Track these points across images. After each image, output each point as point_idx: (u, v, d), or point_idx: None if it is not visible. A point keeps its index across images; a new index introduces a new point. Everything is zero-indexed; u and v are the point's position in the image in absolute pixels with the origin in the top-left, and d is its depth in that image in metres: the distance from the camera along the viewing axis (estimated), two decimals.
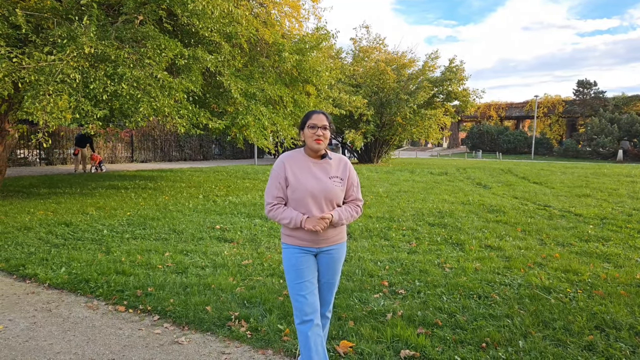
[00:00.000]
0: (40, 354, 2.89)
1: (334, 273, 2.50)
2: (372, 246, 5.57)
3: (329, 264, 2.47)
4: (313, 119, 2.38)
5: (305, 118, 2.43)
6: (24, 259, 4.82)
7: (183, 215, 7.49)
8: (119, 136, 20.89)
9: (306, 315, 2.33)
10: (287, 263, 2.42)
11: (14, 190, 10.55)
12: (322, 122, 2.37)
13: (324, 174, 2.41)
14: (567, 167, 21.77)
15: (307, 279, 2.37)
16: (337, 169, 2.47)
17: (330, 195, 2.39)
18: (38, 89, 6.10)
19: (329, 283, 2.51)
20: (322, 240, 2.41)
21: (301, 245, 2.40)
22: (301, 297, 2.35)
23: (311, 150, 2.43)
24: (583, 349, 2.90)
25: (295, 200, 2.38)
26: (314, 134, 2.36)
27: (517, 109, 48.84)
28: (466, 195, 10.43)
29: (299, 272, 2.37)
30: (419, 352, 2.83)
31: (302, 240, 2.40)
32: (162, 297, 3.75)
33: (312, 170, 2.41)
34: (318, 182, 2.38)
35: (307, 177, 2.39)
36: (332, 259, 2.47)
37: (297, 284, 2.36)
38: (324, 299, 2.52)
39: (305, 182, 2.37)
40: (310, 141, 2.38)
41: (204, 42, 8.37)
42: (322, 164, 2.44)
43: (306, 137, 2.41)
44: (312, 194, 2.35)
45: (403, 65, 23.52)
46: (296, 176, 2.38)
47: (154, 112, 7.10)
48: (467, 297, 3.82)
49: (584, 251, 5.44)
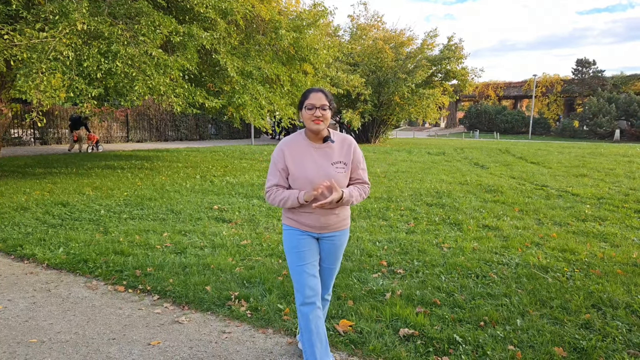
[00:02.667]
0: (41, 333, 2.90)
1: (335, 259, 2.45)
2: (370, 226, 5.58)
3: (330, 250, 2.41)
4: (311, 99, 2.22)
5: (303, 97, 2.27)
6: (21, 239, 4.80)
7: (180, 196, 7.46)
8: (114, 116, 20.67)
9: (308, 297, 2.29)
10: (288, 245, 2.37)
11: (9, 170, 10.47)
12: (320, 102, 2.21)
13: (326, 160, 2.28)
14: (564, 147, 21.78)
15: (309, 262, 2.33)
16: (341, 152, 2.32)
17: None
18: (31, 67, 5.98)
19: (330, 269, 2.47)
20: (325, 227, 2.33)
21: (303, 229, 2.35)
22: (303, 280, 2.30)
23: (311, 133, 2.29)
24: (580, 327, 2.93)
25: (298, 188, 2.29)
26: (313, 115, 2.21)
27: (515, 88, 48.55)
28: (464, 175, 10.43)
29: (300, 254, 2.32)
30: (417, 330, 2.85)
31: (304, 225, 2.33)
32: (162, 277, 3.76)
33: (313, 156, 2.28)
34: (319, 169, 2.26)
35: (307, 164, 2.27)
36: (334, 245, 2.41)
37: (298, 266, 2.32)
38: (324, 283, 2.49)
39: (306, 170, 2.25)
40: (309, 123, 2.23)
41: (199, 19, 8.19)
42: (324, 149, 2.30)
43: (305, 118, 2.25)
44: (314, 182, 2.23)
45: (401, 43, 23.22)
46: (296, 164, 2.27)
47: (149, 91, 7.00)
48: (465, 276, 3.84)
49: (581, 231, 5.47)
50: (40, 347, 2.71)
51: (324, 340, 2.29)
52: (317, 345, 2.25)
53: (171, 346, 2.74)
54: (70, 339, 2.82)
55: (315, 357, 2.24)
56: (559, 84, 44.05)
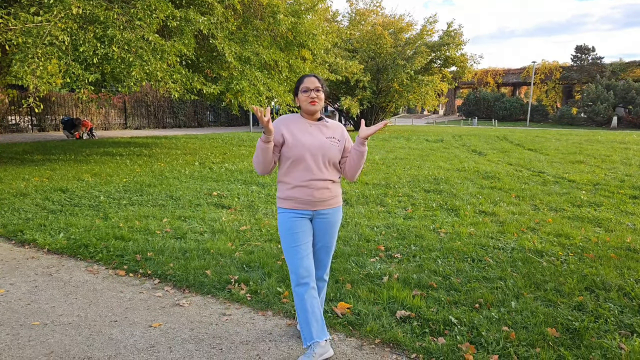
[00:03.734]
0: (43, 316, 2.94)
1: (330, 237, 2.51)
2: (368, 212, 5.63)
3: (325, 228, 2.48)
4: (305, 83, 2.40)
5: (298, 83, 2.45)
6: (21, 225, 4.83)
7: (179, 182, 7.48)
8: (112, 102, 20.56)
9: (302, 278, 2.35)
10: (282, 227, 2.44)
11: (7, 157, 10.45)
12: (314, 85, 2.39)
13: (321, 134, 2.44)
14: (562, 134, 21.80)
15: (303, 243, 2.40)
16: (334, 131, 2.49)
17: (327, 153, 2.40)
18: (26, 52, 5.94)
19: (326, 247, 2.52)
20: (318, 203, 2.42)
21: (297, 209, 2.41)
22: (297, 261, 2.37)
23: (307, 113, 2.45)
24: (573, 308, 2.99)
25: (293, 158, 2.37)
26: (309, 97, 2.38)
27: (514, 75, 48.35)
28: (461, 162, 10.47)
29: (295, 235, 2.39)
30: (414, 312, 2.91)
31: (298, 202, 2.40)
32: (162, 262, 3.80)
33: (308, 130, 2.43)
34: (315, 139, 2.40)
35: (303, 134, 2.40)
36: (328, 222, 2.48)
37: (292, 247, 2.39)
38: (320, 262, 2.55)
39: (302, 139, 2.38)
40: (305, 104, 2.40)
41: (196, 3, 8.12)
42: (319, 125, 2.47)
43: (301, 101, 2.43)
44: (310, 150, 2.36)
45: (400, 29, 23.04)
46: (293, 134, 2.39)
47: (146, 77, 6.96)
48: (462, 260, 3.90)
49: (576, 216, 5.53)
50: (43, 330, 2.76)
51: (319, 318, 2.34)
52: (313, 324, 2.30)
53: (172, 328, 2.79)
54: (72, 322, 2.87)
55: (312, 335, 2.30)
56: (557, 71, 43.88)
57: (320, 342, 2.31)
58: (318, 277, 2.56)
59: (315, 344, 2.30)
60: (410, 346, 2.54)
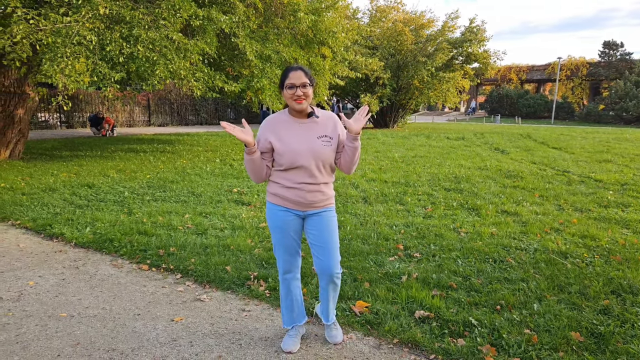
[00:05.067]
0: (70, 308, 3.04)
1: (328, 234, 2.38)
2: (387, 210, 5.60)
3: (321, 226, 2.37)
4: (290, 78, 2.19)
5: (283, 77, 2.23)
6: (50, 219, 4.99)
7: (201, 179, 7.59)
8: (137, 100, 20.99)
9: (287, 272, 2.50)
10: (271, 223, 2.41)
11: (37, 153, 10.80)
12: (300, 80, 2.19)
13: (312, 134, 2.28)
14: (588, 132, 21.22)
15: (291, 239, 2.40)
16: (326, 127, 2.32)
17: (321, 157, 2.28)
18: (55, 52, 6.12)
19: (327, 247, 2.39)
20: (311, 204, 2.34)
21: (287, 207, 2.36)
22: (285, 257, 2.45)
23: (294, 111, 2.30)
24: (598, 312, 2.93)
25: (284, 165, 2.28)
26: (294, 95, 2.20)
27: (538, 71, 47.20)
28: (483, 160, 10.31)
29: (283, 233, 2.38)
30: (433, 313, 2.89)
31: (288, 202, 2.34)
32: (184, 257, 3.88)
33: (297, 130, 2.28)
34: (304, 142, 2.26)
35: (292, 138, 2.26)
36: (321, 223, 2.38)
37: (280, 243, 2.42)
38: (323, 262, 2.40)
39: (291, 144, 2.25)
40: (291, 102, 2.23)
41: (218, 2, 8.21)
42: (309, 124, 2.30)
43: (286, 98, 2.24)
44: (302, 155, 2.24)
45: (421, 25, 22.76)
46: (282, 139, 2.26)
47: (170, 75, 7.09)
48: (483, 261, 3.85)
49: (603, 217, 5.39)
50: (70, 321, 2.85)
51: (300, 304, 2.60)
52: (295, 309, 2.57)
53: (193, 322, 2.85)
54: (97, 314, 2.95)
55: (293, 319, 2.58)
56: (584, 67, 42.61)
57: (301, 325, 2.62)
58: (330, 275, 2.44)
59: (297, 327, 2.60)
60: (429, 347, 2.53)
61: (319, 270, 2.47)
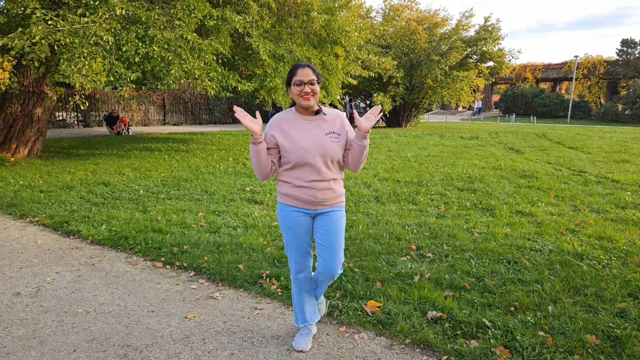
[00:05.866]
0: (86, 304, 3.09)
1: (336, 235, 2.38)
2: (400, 210, 5.58)
3: (330, 226, 2.37)
4: (298, 75, 2.20)
5: (290, 74, 2.25)
6: (67, 216, 5.09)
7: (214, 177, 7.66)
8: (151, 99, 21.24)
9: (300, 272, 2.50)
10: (282, 224, 2.41)
11: (55, 151, 11.00)
12: (308, 77, 2.20)
13: (319, 131, 2.28)
14: (606, 132, 20.82)
15: (302, 240, 2.41)
16: (333, 124, 2.32)
17: (329, 153, 2.27)
18: (73, 52, 6.23)
19: (332, 247, 2.39)
20: (321, 203, 2.34)
21: (298, 207, 2.36)
22: (298, 257, 2.46)
23: (302, 108, 2.30)
24: (615, 315, 2.88)
25: (294, 162, 2.27)
26: (302, 92, 2.21)
27: (554, 70, 46.47)
28: (497, 160, 10.19)
29: (296, 234, 2.39)
30: (445, 313, 2.87)
31: (300, 201, 2.34)
32: (197, 255, 3.92)
33: (305, 127, 2.28)
34: (314, 139, 2.26)
35: (300, 135, 2.26)
36: (331, 221, 2.38)
37: (292, 243, 2.42)
38: (327, 262, 2.40)
39: (301, 141, 2.24)
40: (298, 99, 2.23)
41: (232, 2, 8.26)
42: (316, 121, 2.30)
43: (293, 95, 2.25)
44: (311, 152, 2.24)
45: (435, 24, 22.61)
46: (289, 136, 2.25)
47: (184, 75, 7.16)
48: (496, 262, 3.81)
49: (620, 218, 5.29)
50: (86, 317, 2.90)
51: (314, 303, 2.61)
52: (307, 309, 2.57)
53: (206, 320, 2.88)
54: (113, 310, 3.00)
55: (306, 318, 2.58)
56: (602, 66, 41.81)
57: (313, 324, 2.62)
58: (331, 276, 2.47)
59: (309, 325, 2.60)
60: (442, 348, 2.51)
61: (321, 269, 2.48)
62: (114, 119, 17.14)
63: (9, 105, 9.28)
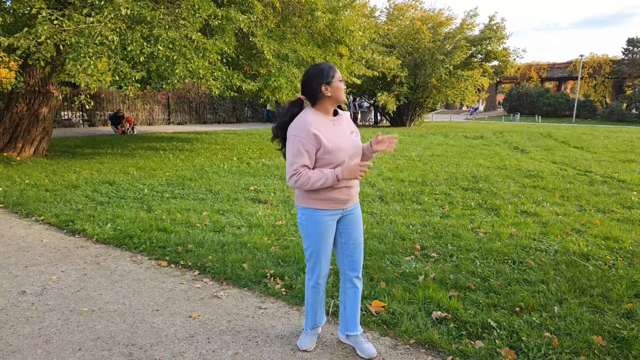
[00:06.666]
0: (91, 302, 3.11)
1: (360, 231, 2.48)
2: (404, 210, 5.57)
3: (354, 223, 2.44)
4: (339, 73, 2.32)
5: (332, 72, 2.27)
6: (72, 215, 5.11)
7: (219, 177, 7.67)
8: (156, 98, 21.31)
9: (322, 278, 2.47)
10: (315, 229, 2.34)
11: (60, 151, 11.06)
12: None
13: (345, 131, 2.36)
14: (611, 131, 20.70)
15: (331, 246, 2.42)
16: (350, 124, 2.43)
17: (359, 150, 2.38)
18: (79, 52, 6.25)
19: (358, 243, 2.47)
20: (350, 199, 2.38)
21: (333, 209, 2.33)
22: (324, 263, 2.42)
23: (337, 103, 2.34)
24: (621, 316, 2.86)
25: (336, 162, 2.25)
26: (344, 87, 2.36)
27: (559, 69, 46.24)
28: (502, 159, 10.15)
29: (327, 239, 2.38)
30: (450, 314, 2.86)
31: (337, 202, 2.32)
32: (202, 254, 3.92)
33: (334, 129, 2.30)
34: (348, 140, 2.33)
35: (337, 137, 2.28)
36: (355, 217, 2.45)
37: (323, 249, 2.39)
38: (355, 261, 2.46)
39: (340, 143, 2.27)
40: (341, 94, 2.30)
41: (237, 2, 8.27)
42: (339, 121, 2.36)
43: (339, 89, 2.29)
44: (348, 153, 2.30)
45: (440, 23, 22.53)
46: (328, 138, 2.25)
47: (189, 74, 7.17)
48: (501, 262, 3.80)
49: (626, 218, 5.25)
50: (91, 316, 2.92)
51: (324, 306, 2.62)
52: (319, 311, 2.57)
53: (211, 319, 2.88)
54: (117, 309, 3.01)
55: (316, 321, 2.58)
56: (607, 65, 41.53)
57: (321, 325, 2.65)
58: (355, 277, 2.48)
59: (317, 327, 2.62)
60: (447, 348, 2.51)
61: (349, 268, 2.47)
62: (119, 119, 17.23)
63: (15, 105, 9.33)
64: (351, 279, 2.49)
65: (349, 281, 2.50)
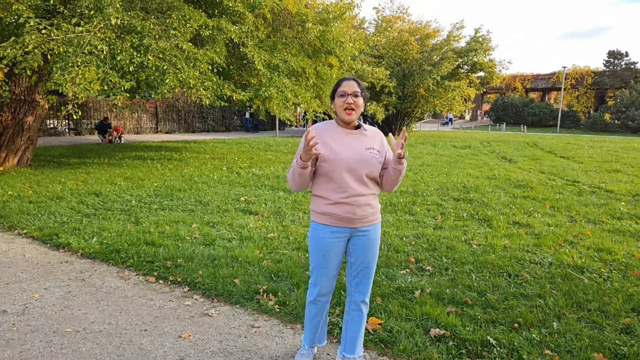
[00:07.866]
0: (76, 322, 2.97)
1: (372, 255, 2.32)
2: (397, 221, 5.52)
3: (366, 246, 2.29)
4: (343, 86, 2.18)
5: (336, 86, 2.23)
6: (57, 228, 4.95)
7: (208, 187, 7.55)
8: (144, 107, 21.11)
9: (322, 296, 2.37)
10: (315, 245, 2.28)
11: (45, 160, 10.81)
12: (352, 89, 2.17)
13: (360, 144, 2.22)
14: (595, 141, 21.06)
15: (333, 264, 2.30)
16: (374, 141, 2.27)
17: (367, 167, 2.19)
18: (67, 61, 6.13)
19: (367, 267, 2.32)
20: (358, 220, 2.23)
21: (334, 225, 2.23)
22: (323, 280, 2.33)
23: (343, 122, 2.24)
24: (620, 332, 2.83)
25: (329, 173, 2.17)
26: (345, 103, 2.17)
27: (543, 80, 47.12)
28: (491, 169, 10.21)
29: (327, 256, 2.27)
30: (449, 331, 2.80)
31: (337, 219, 2.22)
32: (191, 269, 3.81)
33: (345, 139, 2.21)
34: (353, 151, 2.19)
35: (339, 146, 2.18)
36: (369, 240, 2.29)
37: (322, 266, 2.30)
38: (362, 284, 2.34)
39: (340, 152, 2.16)
40: (341, 111, 2.19)
41: (228, 13, 8.23)
42: (357, 134, 2.24)
43: (337, 107, 2.21)
44: (349, 164, 2.16)
45: (427, 35, 22.82)
46: (329, 147, 2.17)
47: (179, 84, 7.09)
48: (497, 275, 3.76)
49: (617, 229, 5.28)
50: (75, 337, 2.79)
51: (325, 326, 2.57)
52: (318, 331, 2.50)
53: (201, 339, 2.78)
54: (103, 329, 2.89)
55: (314, 340, 2.52)
56: (589, 76, 42.46)
57: (319, 346, 2.60)
58: (360, 301, 2.37)
59: (314, 346, 2.55)
60: None
61: (355, 290, 2.36)
62: (105, 127, 16.99)
63: (0, 114, 9.11)
64: (357, 302, 2.37)
65: (354, 303, 2.39)
